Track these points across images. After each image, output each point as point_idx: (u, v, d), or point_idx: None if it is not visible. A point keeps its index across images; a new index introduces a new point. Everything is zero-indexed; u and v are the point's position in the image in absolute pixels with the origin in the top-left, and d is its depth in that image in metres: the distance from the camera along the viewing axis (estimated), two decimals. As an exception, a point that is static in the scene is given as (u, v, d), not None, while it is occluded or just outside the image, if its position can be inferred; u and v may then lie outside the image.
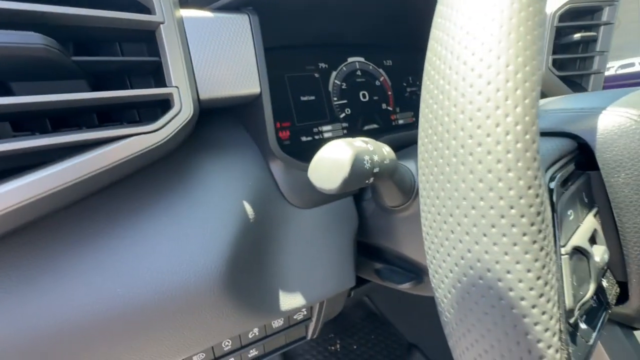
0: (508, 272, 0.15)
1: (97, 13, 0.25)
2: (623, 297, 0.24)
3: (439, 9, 0.18)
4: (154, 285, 0.30)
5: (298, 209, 0.43)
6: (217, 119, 0.42)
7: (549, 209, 0.16)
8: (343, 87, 0.54)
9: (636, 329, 0.29)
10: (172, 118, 0.29)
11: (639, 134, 0.22)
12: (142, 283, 0.30)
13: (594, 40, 0.62)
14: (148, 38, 0.30)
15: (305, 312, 0.49)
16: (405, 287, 0.45)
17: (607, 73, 0.67)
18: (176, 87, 0.29)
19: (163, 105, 0.31)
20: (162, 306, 0.31)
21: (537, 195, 0.15)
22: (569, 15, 0.59)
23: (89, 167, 0.25)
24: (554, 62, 0.61)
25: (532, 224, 0.14)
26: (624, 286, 0.24)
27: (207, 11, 0.34)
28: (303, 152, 0.43)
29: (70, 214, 0.29)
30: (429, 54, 0.18)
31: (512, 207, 0.14)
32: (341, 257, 0.46)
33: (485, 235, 0.15)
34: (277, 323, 0.46)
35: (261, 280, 0.39)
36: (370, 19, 0.50)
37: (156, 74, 0.32)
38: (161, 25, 0.28)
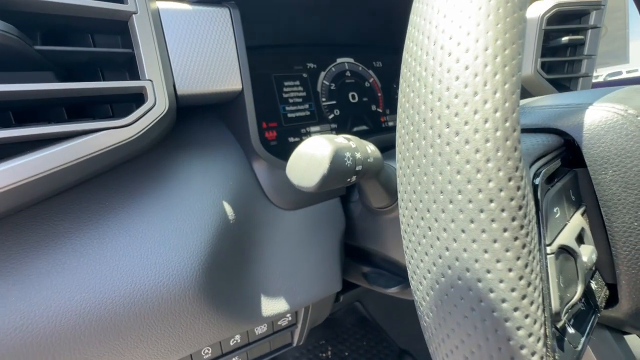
0: (488, 271, 0.13)
1: None
2: (613, 299, 0.23)
3: None
4: (122, 289, 0.28)
5: (282, 210, 0.42)
6: (198, 117, 0.41)
7: (532, 204, 0.15)
8: (332, 87, 0.53)
9: (627, 333, 0.28)
10: (146, 112, 0.28)
11: (626, 130, 0.21)
12: (110, 286, 0.28)
13: (581, 43, 0.62)
14: (121, 29, 0.28)
15: (290, 318, 0.47)
16: (393, 291, 0.43)
17: (595, 80, 0.68)
18: (150, 80, 0.28)
19: (138, 100, 0.29)
20: (132, 311, 0.29)
21: (518, 188, 0.13)
22: (556, 18, 0.59)
23: (52, 162, 0.24)
24: (543, 65, 0.61)
25: (514, 219, 0.13)
26: (613, 288, 0.24)
27: (186, 4, 0.33)
28: (290, 153, 0.41)
29: (33, 213, 0.27)
30: (406, 42, 0.17)
31: (491, 201, 0.13)
32: (327, 260, 0.45)
33: (463, 231, 0.14)
34: (261, 329, 0.44)
35: (242, 284, 0.38)
36: (358, 16, 0.50)
37: (131, 68, 0.31)
38: (134, 16, 0.27)
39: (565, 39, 0.60)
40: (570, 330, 0.19)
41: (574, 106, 0.24)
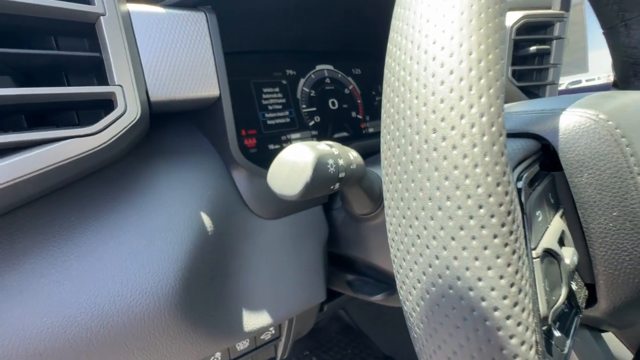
0: (479, 279, 0.13)
1: None
2: (592, 299, 0.24)
3: None
4: (89, 312, 0.26)
5: (264, 219, 0.41)
6: (174, 124, 0.39)
7: (518, 208, 0.15)
8: (312, 94, 0.53)
9: (604, 330, 0.28)
10: (115, 120, 0.26)
11: (599, 134, 0.22)
12: (75, 310, 0.26)
13: (547, 53, 0.66)
14: (88, 32, 0.27)
15: (273, 332, 0.45)
16: (377, 298, 0.43)
17: (559, 89, 0.71)
18: (120, 85, 0.26)
19: (107, 107, 0.28)
20: (101, 335, 0.27)
21: (506, 193, 0.13)
22: (525, 29, 0.62)
23: (11, 173, 0.22)
24: (514, 73, 0.63)
25: (503, 225, 0.13)
26: (591, 288, 0.24)
27: (160, 7, 0.31)
28: (270, 161, 0.40)
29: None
30: (389, 46, 0.17)
31: (481, 207, 0.13)
32: (311, 270, 0.44)
33: (453, 238, 0.14)
34: (242, 345, 0.42)
35: (222, 298, 0.36)
36: (337, 23, 0.50)
37: (99, 73, 0.29)
38: (101, 18, 0.25)
39: (533, 48, 0.63)
40: (557, 333, 0.19)
41: (548, 111, 0.24)
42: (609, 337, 0.40)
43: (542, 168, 0.24)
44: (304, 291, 0.43)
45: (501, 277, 0.13)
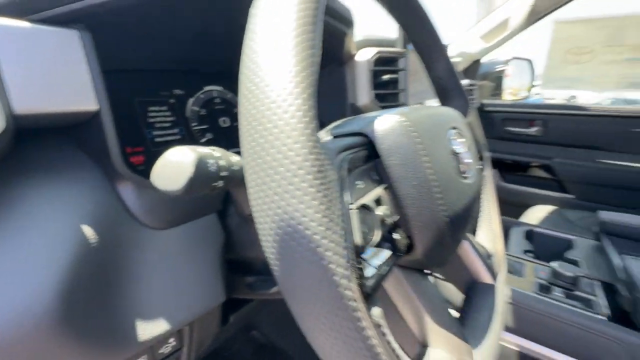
0: (304, 216, 0.20)
1: None
2: (412, 247, 0.34)
3: (246, 34, 0.23)
4: None
5: (154, 230, 0.42)
6: (49, 140, 0.37)
7: (331, 172, 0.22)
8: (202, 113, 0.56)
9: (429, 274, 0.39)
10: None
11: (400, 130, 0.32)
12: None
13: (397, 81, 0.84)
14: None
15: (174, 343, 0.45)
16: (274, 291, 0.47)
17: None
18: None
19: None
20: None
21: (317, 159, 0.21)
22: (380, 61, 0.79)
23: None
24: (376, 96, 0.79)
25: (316, 179, 0.20)
26: (411, 239, 0.34)
27: (25, 21, 0.31)
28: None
29: None
30: (240, 65, 0.23)
31: (300, 169, 0.20)
32: (207, 274, 0.46)
33: (286, 192, 0.20)
34: (139, 362, 0.41)
35: (110, 310, 0.35)
36: (217, 48, 0.55)
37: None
38: None
39: (386, 77, 0.81)
40: (378, 261, 0.28)
41: (375, 117, 0.34)
42: (448, 286, 0.54)
43: (372, 156, 0.33)
44: (201, 294, 0.44)
45: (317, 212, 0.20)
